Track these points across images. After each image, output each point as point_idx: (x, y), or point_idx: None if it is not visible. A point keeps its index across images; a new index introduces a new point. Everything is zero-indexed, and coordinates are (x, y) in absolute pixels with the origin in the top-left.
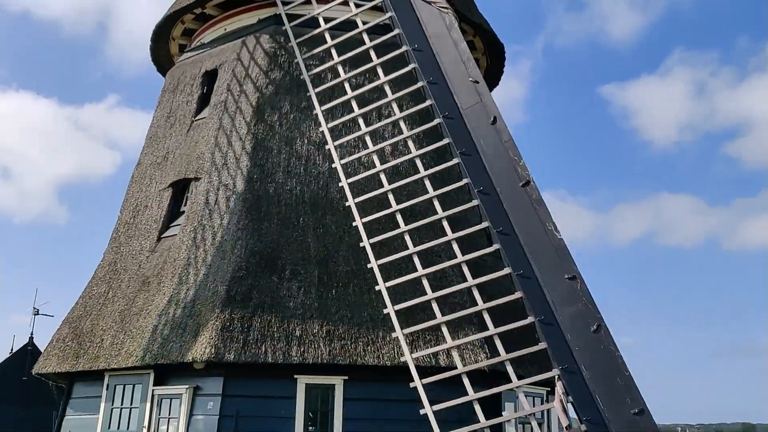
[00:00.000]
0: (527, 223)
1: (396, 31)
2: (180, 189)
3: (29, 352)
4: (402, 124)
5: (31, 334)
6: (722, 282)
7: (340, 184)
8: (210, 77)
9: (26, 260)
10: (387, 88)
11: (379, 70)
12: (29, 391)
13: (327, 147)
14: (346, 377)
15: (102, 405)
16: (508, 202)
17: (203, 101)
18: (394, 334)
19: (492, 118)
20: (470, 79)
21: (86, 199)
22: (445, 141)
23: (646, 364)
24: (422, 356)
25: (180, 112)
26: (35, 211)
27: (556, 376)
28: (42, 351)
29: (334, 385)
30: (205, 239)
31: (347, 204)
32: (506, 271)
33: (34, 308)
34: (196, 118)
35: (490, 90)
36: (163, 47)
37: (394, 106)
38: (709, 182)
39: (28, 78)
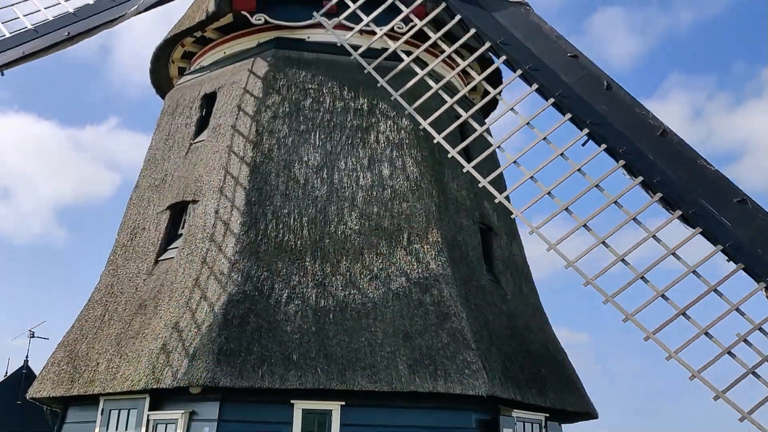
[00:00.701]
0: (679, 167)
1: (472, 31)
2: (178, 212)
3: (24, 376)
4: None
5: (27, 357)
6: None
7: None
8: (209, 100)
9: (24, 282)
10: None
11: (471, 71)
12: (23, 415)
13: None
14: (343, 402)
15: (96, 430)
16: (655, 153)
17: (202, 124)
18: None
19: (605, 84)
20: (569, 54)
21: (85, 220)
22: (567, 117)
23: (647, 392)
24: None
25: (179, 135)
26: (34, 232)
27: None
28: (37, 374)
29: (331, 410)
30: (203, 262)
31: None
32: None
33: (30, 331)
34: (195, 141)
35: (488, 114)
36: (163, 70)
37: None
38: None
39: (29, 99)
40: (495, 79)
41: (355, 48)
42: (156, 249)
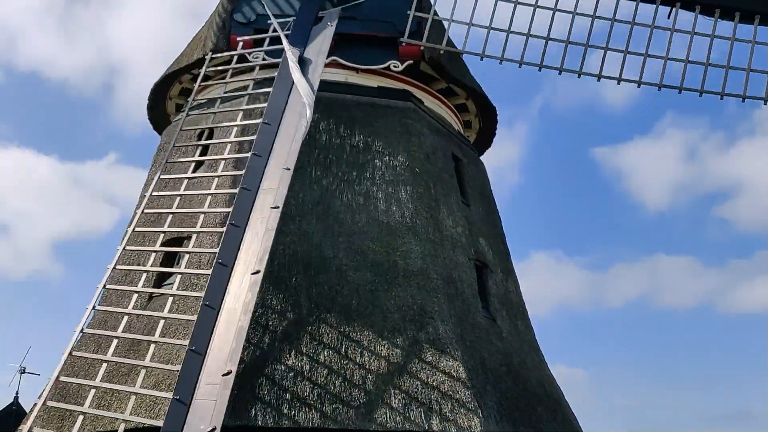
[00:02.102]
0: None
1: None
2: (174, 247)
3: (14, 413)
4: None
5: (17, 393)
6: (718, 345)
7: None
8: (206, 137)
9: (17, 318)
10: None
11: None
12: None
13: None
14: None
15: None
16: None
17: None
18: None
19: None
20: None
21: (83, 255)
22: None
23: (644, 427)
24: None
25: (175, 171)
26: (30, 267)
27: None
28: (27, 411)
29: None
30: (198, 299)
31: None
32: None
33: (21, 366)
34: (191, 177)
35: (483, 151)
36: (161, 106)
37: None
38: (704, 244)
39: (30, 135)
40: (490, 116)
41: (352, 86)
42: (150, 285)
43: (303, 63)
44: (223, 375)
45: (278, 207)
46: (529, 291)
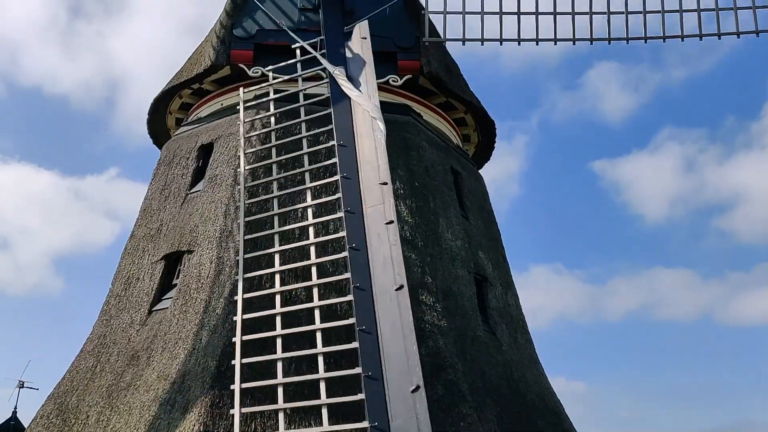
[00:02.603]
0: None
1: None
2: (173, 262)
3: (12, 428)
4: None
5: (15, 407)
6: (718, 357)
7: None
8: (206, 151)
9: (16, 333)
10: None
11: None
12: None
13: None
14: None
15: None
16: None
17: (198, 174)
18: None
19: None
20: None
21: (83, 269)
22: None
23: None
24: None
25: (175, 185)
26: (30, 282)
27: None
28: (25, 427)
29: None
30: (197, 313)
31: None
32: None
33: (20, 381)
34: (191, 191)
35: (481, 164)
36: (160, 120)
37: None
38: (702, 256)
39: (31, 150)
40: (488, 129)
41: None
42: (150, 299)
43: (351, 79)
44: (412, 391)
45: (392, 221)
46: (529, 304)
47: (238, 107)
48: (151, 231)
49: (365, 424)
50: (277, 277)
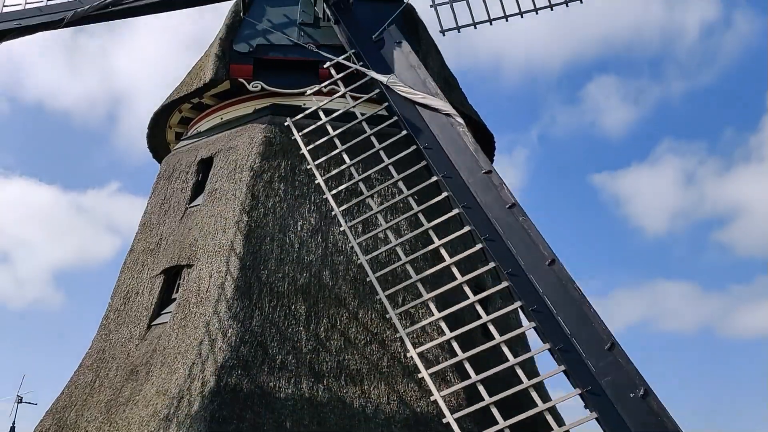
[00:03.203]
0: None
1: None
2: (172, 276)
3: None
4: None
5: (13, 423)
6: (719, 370)
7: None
8: (205, 165)
9: (16, 347)
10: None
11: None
12: None
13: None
14: None
15: None
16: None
17: (198, 188)
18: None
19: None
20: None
21: (84, 284)
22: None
23: None
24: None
25: (174, 199)
26: (30, 296)
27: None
28: None
29: None
30: (196, 327)
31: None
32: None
33: (18, 396)
34: (191, 205)
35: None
36: (160, 135)
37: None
38: (703, 269)
39: (33, 165)
40: (487, 142)
41: (350, 114)
42: (149, 314)
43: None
44: (608, 349)
45: (515, 203)
46: None
47: (242, 122)
48: (151, 245)
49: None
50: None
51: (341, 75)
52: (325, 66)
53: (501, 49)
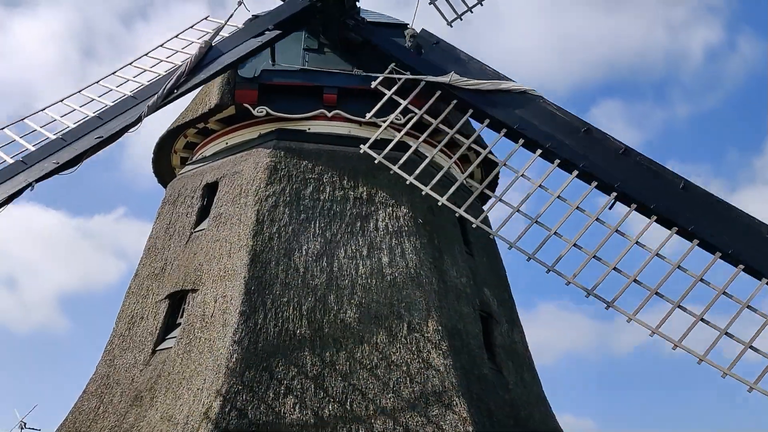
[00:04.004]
0: None
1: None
2: (177, 301)
3: None
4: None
5: None
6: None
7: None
8: (210, 189)
9: (20, 372)
10: None
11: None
12: None
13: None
14: None
15: None
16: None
17: (203, 213)
18: None
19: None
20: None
21: (90, 308)
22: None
23: None
24: None
25: (179, 224)
26: (35, 321)
27: None
28: None
29: None
30: (201, 352)
31: None
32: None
33: (21, 422)
34: (196, 230)
35: (485, 200)
36: (165, 159)
37: None
38: (710, 290)
39: (39, 190)
40: (492, 165)
41: (355, 139)
42: (154, 339)
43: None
44: None
45: (625, 149)
46: (537, 340)
47: (247, 147)
48: (156, 270)
49: None
50: None
51: (394, 89)
52: (373, 84)
53: (507, 74)
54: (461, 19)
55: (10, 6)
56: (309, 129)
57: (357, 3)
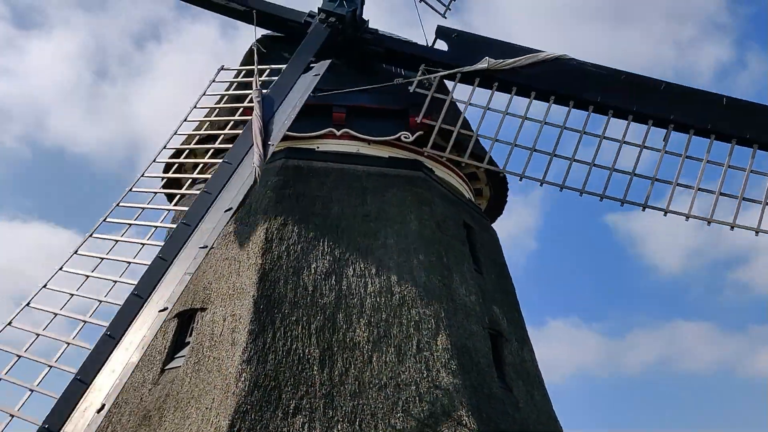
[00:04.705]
0: None
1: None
2: (186, 319)
3: None
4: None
5: None
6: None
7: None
8: None
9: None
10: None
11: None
12: None
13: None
14: None
15: None
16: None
17: None
18: None
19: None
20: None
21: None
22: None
23: None
24: None
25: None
26: (47, 340)
27: None
28: None
29: None
30: (210, 371)
31: None
32: None
33: None
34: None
35: (494, 218)
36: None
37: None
38: (721, 309)
39: (51, 209)
40: (501, 184)
41: (363, 157)
42: (162, 357)
43: None
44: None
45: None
46: (547, 358)
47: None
48: None
49: None
50: None
51: (434, 87)
52: (411, 89)
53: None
54: (450, 9)
55: (25, 27)
56: (318, 147)
57: (365, 19)
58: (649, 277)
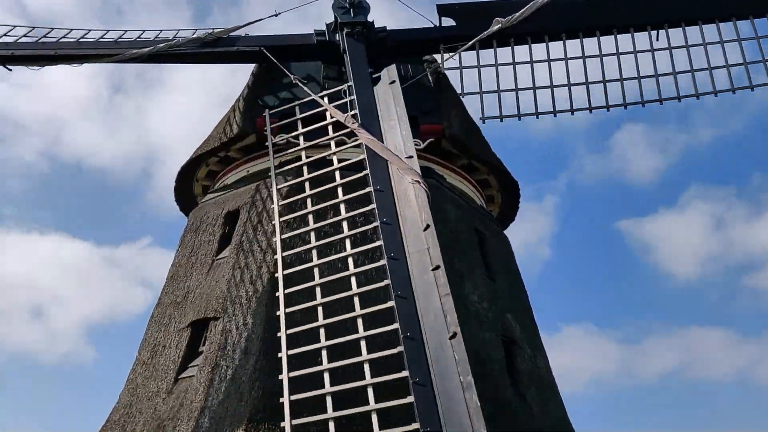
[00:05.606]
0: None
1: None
2: (199, 329)
3: None
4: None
5: None
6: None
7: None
8: (232, 217)
9: (47, 401)
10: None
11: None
12: None
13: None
14: None
15: None
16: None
17: (225, 241)
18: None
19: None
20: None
21: (115, 337)
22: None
23: None
24: None
25: (201, 252)
26: (61, 351)
27: None
28: None
29: None
30: (223, 380)
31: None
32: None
33: None
34: (218, 258)
35: (506, 225)
36: (187, 188)
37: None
38: (737, 315)
39: (67, 221)
40: (512, 190)
41: None
42: (176, 367)
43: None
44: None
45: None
46: (562, 366)
47: (268, 174)
48: (178, 298)
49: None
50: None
51: (461, 61)
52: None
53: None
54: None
55: None
56: (328, 156)
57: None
58: (664, 284)
